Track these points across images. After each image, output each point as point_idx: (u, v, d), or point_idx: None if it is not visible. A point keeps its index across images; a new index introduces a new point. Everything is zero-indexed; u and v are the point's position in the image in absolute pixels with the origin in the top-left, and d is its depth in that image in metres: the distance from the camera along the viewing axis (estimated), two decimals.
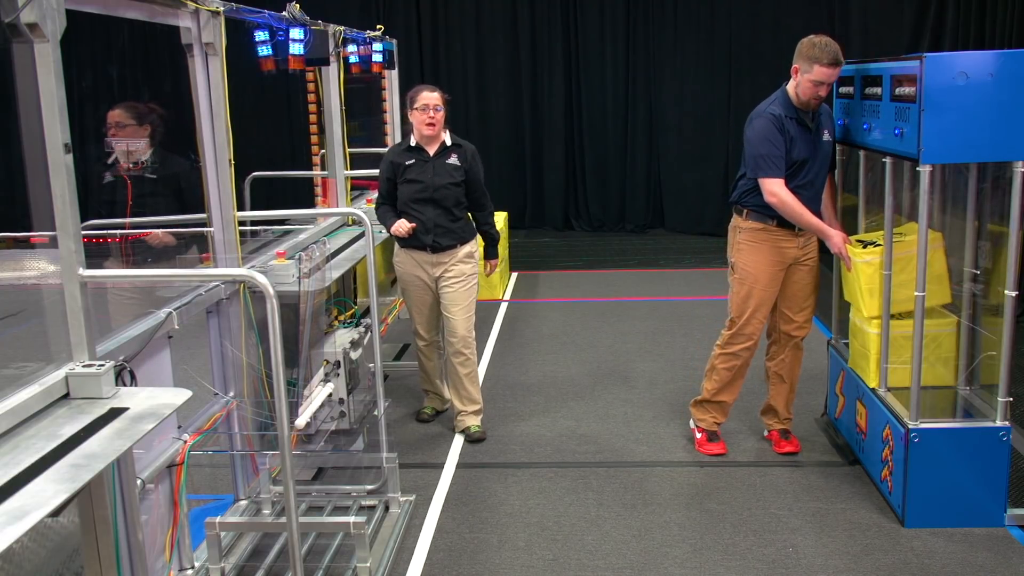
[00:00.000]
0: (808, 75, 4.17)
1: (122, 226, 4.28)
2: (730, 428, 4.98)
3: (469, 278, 4.91)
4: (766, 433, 4.82)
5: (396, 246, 4.98)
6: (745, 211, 4.46)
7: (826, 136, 4.41)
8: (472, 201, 4.91)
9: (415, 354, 5.22)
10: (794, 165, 4.31)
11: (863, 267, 4.21)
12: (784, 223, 4.38)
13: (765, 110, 4.33)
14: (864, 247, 4.27)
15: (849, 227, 4.77)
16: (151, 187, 4.31)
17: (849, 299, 4.48)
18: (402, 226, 4.72)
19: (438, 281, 4.87)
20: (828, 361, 5.04)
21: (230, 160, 3.45)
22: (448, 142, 4.82)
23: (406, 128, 4.87)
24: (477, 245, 5.01)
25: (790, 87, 4.32)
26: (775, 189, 4.24)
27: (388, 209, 4.87)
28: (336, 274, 4.05)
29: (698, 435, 4.80)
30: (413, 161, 4.77)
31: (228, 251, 3.54)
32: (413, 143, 4.79)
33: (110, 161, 4.32)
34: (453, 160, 4.80)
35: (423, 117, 4.68)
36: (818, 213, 4.41)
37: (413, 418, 5.29)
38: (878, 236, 4.27)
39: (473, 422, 5.01)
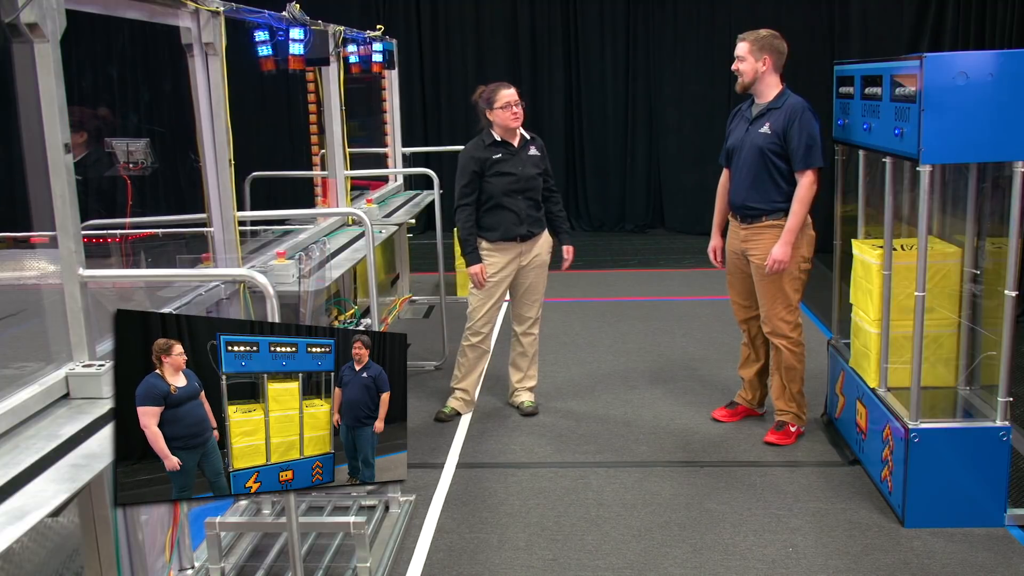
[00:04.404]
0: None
1: (121, 226, 4.28)
2: (730, 429, 4.99)
3: (547, 265, 5.23)
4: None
5: (483, 243, 5.01)
6: None
7: (764, 128, 4.50)
8: (547, 189, 5.16)
9: (466, 352, 5.17)
10: (729, 154, 4.73)
11: (903, 271, 4.10)
12: (734, 214, 4.73)
13: None
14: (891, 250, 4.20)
15: (849, 229, 4.77)
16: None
17: (855, 302, 4.47)
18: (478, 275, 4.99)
19: (522, 269, 5.10)
20: (828, 361, 5.04)
21: (230, 160, 3.46)
22: (526, 135, 5.08)
23: (479, 127, 5.05)
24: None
25: None
26: None
27: (471, 214, 4.95)
28: (336, 274, 4.04)
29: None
30: (500, 155, 4.96)
31: (228, 251, 3.54)
32: (498, 138, 4.96)
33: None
34: (534, 151, 5.07)
35: (508, 113, 4.89)
36: (743, 204, 4.59)
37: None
38: (906, 242, 4.23)
39: (528, 397, 5.34)
